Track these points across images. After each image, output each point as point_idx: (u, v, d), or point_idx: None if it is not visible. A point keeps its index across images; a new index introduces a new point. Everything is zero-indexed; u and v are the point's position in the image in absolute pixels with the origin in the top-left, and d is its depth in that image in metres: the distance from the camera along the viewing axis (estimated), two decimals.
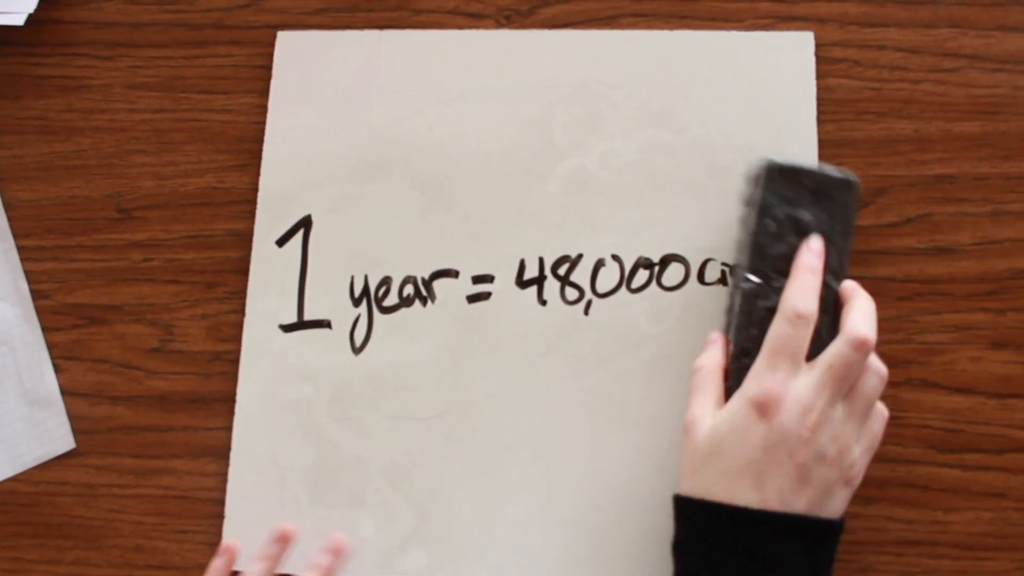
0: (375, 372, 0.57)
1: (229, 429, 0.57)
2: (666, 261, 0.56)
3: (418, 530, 0.55)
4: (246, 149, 0.61)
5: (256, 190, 0.60)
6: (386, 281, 0.58)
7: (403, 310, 0.57)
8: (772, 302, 0.49)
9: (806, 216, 0.50)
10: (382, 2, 0.62)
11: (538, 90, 0.59)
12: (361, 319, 0.58)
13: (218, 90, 0.62)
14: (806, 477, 0.44)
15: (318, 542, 0.54)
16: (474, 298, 0.57)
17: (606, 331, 0.56)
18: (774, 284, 0.49)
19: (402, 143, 0.59)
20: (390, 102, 0.60)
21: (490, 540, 0.54)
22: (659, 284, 0.56)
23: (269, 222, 0.59)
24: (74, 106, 0.63)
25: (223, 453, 0.57)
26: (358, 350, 0.57)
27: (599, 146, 0.58)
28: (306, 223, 0.59)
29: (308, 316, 0.58)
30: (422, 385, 0.56)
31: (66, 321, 0.61)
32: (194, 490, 0.57)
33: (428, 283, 0.58)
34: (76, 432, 0.59)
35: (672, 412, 0.54)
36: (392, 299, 0.58)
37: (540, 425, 0.55)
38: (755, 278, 0.50)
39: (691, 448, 0.47)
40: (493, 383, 0.56)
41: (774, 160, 0.51)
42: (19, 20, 0.62)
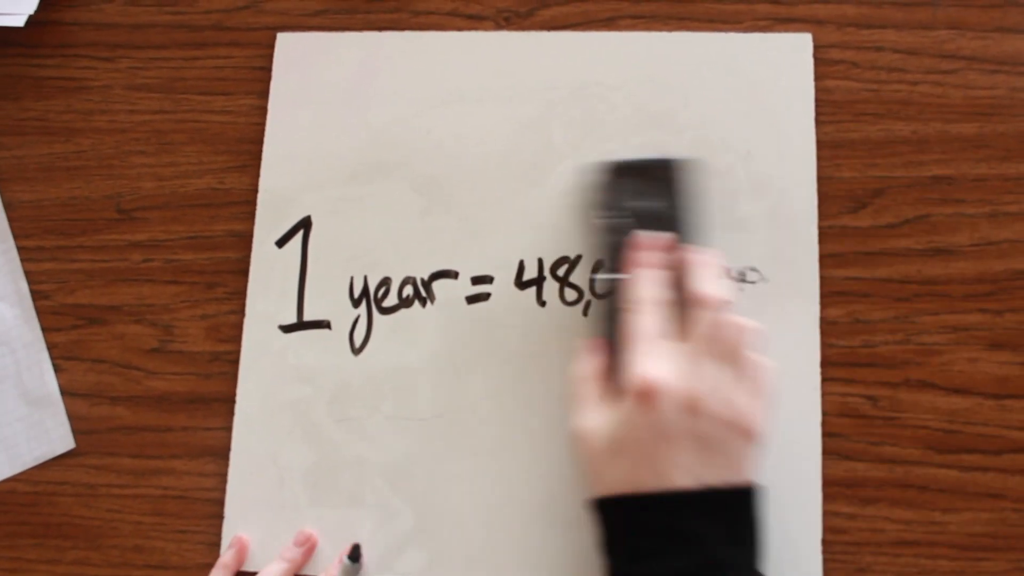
0: (374, 373, 0.57)
1: (228, 429, 0.57)
2: None
3: (417, 530, 0.55)
4: (246, 150, 0.61)
5: (256, 191, 0.60)
6: (385, 282, 0.58)
7: (402, 311, 0.58)
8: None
9: (645, 205, 0.51)
10: (381, 4, 0.62)
11: (537, 92, 0.59)
12: (360, 320, 0.58)
13: (218, 91, 0.62)
14: (706, 447, 0.45)
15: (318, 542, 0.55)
16: (473, 299, 0.57)
17: None
18: (622, 278, 0.50)
19: (401, 144, 0.59)
20: (389, 103, 0.60)
21: (489, 540, 0.54)
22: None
23: (269, 223, 0.59)
24: (74, 107, 0.63)
25: (222, 453, 0.57)
26: (357, 351, 0.57)
27: (598, 147, 0.58)
28: (306, 224, 0.59)
29: (307, 317, 0.58)
30: (421, 386, 0.57)
31: (66, 321, 0.61)
32: (193, 490, 0.58)
33: (427, 284, 0.58)
34: (76, 432, 0.59)
35: None
36: (391, 300, 0.58)
37: (539, 425, 0.55)
38: (612, 275, 0.51)
39: (590, 454, 0.48)
40: (492, 384, 0.56)
41: (604, 161, 0.53)
42: (19, 21, 0.62)
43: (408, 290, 0.58)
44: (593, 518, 0.48)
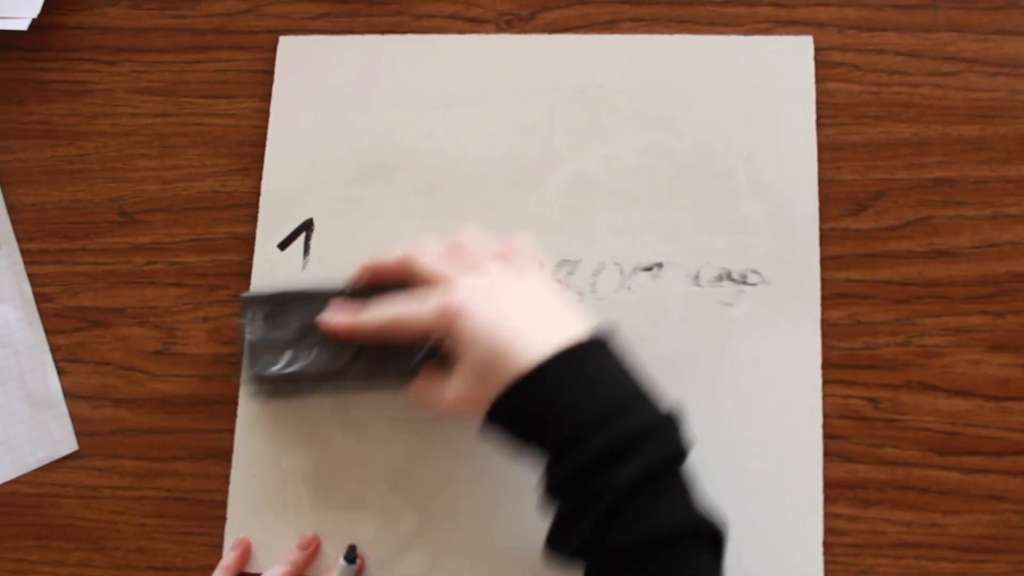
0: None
1: (231, 431, 0.58)
2: (665, 265, 0.56)
3: (419, 532, 0.55)
4: (248, 153, 0.61)
5: (258, 194, 0.60)
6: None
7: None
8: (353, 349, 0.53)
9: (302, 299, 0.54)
10: (383, 7, 0.62)
11: (538, 94, 0.59)
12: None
13: (220, 94, 0.62)
14: (530, 316, 0.47)
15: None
16: None
17: None
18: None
19: (403, 147, 0.60)
20: (391, 106, 0.60)
21: (491, 542, 0.55)
22: (659, 287, 0.56)
23: (271, 226, 0.59)
24: (78, 110, 0.63)
25: (225, 455, 0.57)
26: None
27: (599, 150, 0.58)
28: (307, 227, 0.59)
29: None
30: None
31: (69, 324, 0.61)
32: (196, 492, 0.58)
33: None
34: (79, 434, 0.59)
35: None
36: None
37: None
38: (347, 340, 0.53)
39: (464, 398, 0.48)
40: None
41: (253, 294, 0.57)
42: (23, 25, 0.63)
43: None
44: (497, 433, 0.48)
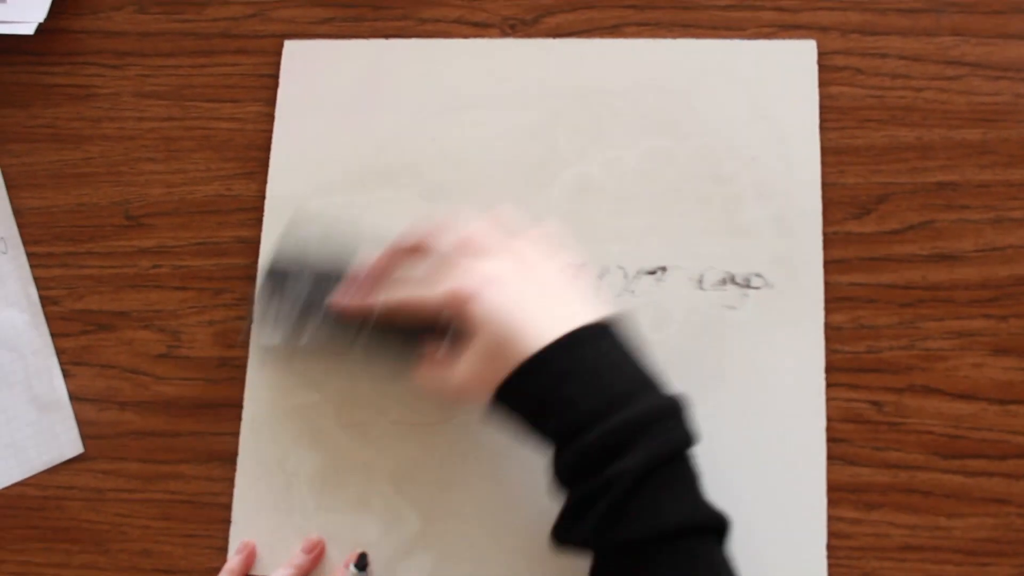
0: (381, 378, 0.57)
1: (236, 434, 0.58)
2: (669, 269, 0.56)
3: (423, 535, 0.55)
4: (253, 157, 0.61)
5: (263, 198, 0.60)
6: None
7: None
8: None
9: (316, 276, 0.55)
10: (388, 11, 0.62)
11: (542, 98, 0.59)
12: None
13: (226, 99, 0.63)
14: (539, 301, 0.47)
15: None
16: None
17: None
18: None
19: (408, 151, 0.60)
20: (396, 111, 0.60)
21: (495, 545, 0.55)
22: (662, 291, 0.56)
23: (276, 230, 0.60)
24: (83, 114, 0.64)
25: (230, 458, 0.57)
26: (364, 356, 0.58)
27: (602, 154, 0.58)
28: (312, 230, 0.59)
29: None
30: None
31: (75, 327, 0.61)
32: (201, 495, 0.58)
33: None
34: (84, 437, 0.60)
35: None
36: None
37: None
38: (362, 319, 0.53)
39: (472, 381, 0.48)
40: None
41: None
42: (29, 29, 0.63)
43: None
44: (503, 416, 0.48)
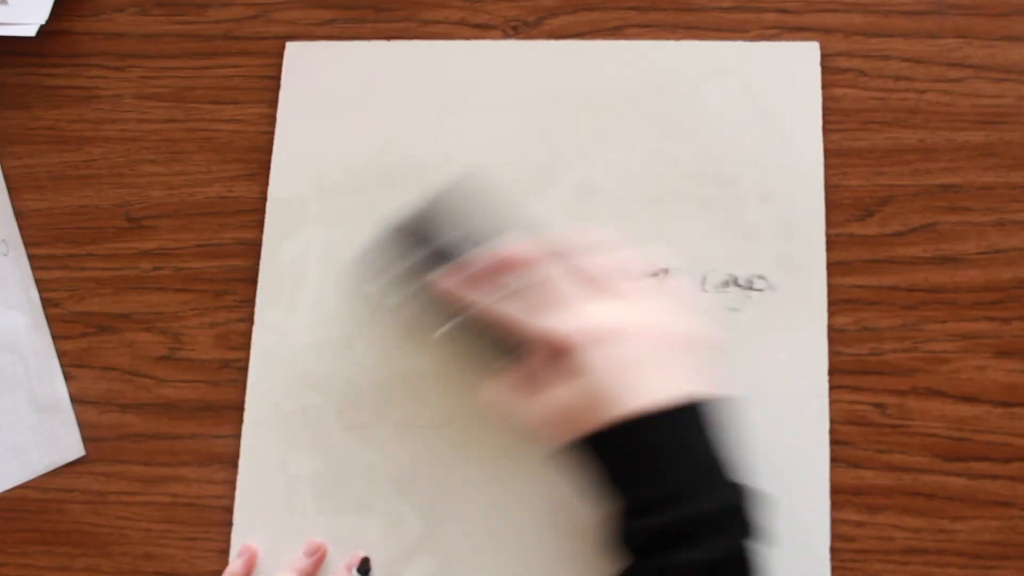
0: (383, 380, 0.57)
1: (238, 437, 0.58)
2: (671, 271, 0.56)
3: (425, 538, 0.55)
4: (255, 159, 0.61)
5: (265, 200, 0.60)
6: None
7: (412, 318, 0.58)
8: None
9: (447, 243, 0.52)
10: (390, 13, 0.62)
11: (544, 100, 0.59)
12: (369, 327, 0.58)
13: (227, 100, 0.63)
14: (660, 364, 0.45)
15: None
16: None
17: None
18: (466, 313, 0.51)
19: (410, 153, 0.60)
20: (398, 112, 0.60)
21: (497, 548, 0.54)
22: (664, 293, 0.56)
23: (277, 231, 0.60)
24: (85, 116, 0.64)
25: (232, 461, 0.57)
26: (366, 359, 0.57)
27: (605, 156, 0.58)
28: (314, 232, 0.59)
29: (316, 325, 0.58)
30: (430, 393, 0.57)
31: (76, 329, 0.61)
32: (203, 498, 0.58)
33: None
34: (86, 439, 0.59)
35: None
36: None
37: None
38: (461, 310, 0.51)
39: (557, 420, 0.47)
40: None
41: (383, 233, 0.54)
42: (31, 31, 0.63)
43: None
44: (578, 462, 0.47)
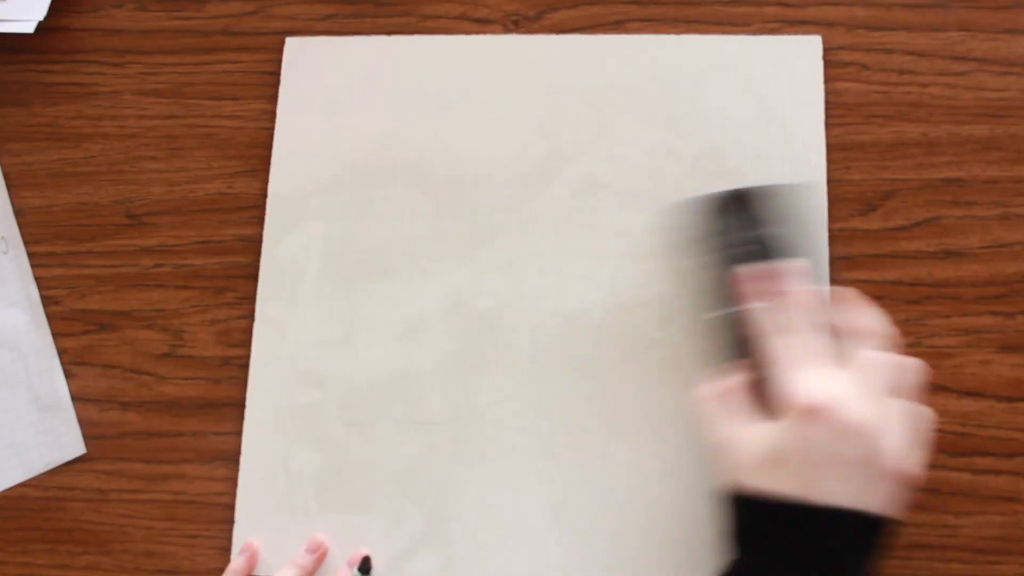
0: (384, 377, 0.57)
1: (239, 434, 0.57)
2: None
3: (427, 534, 0.55)
4: (255, 155, 0.61)
5: (265, 196, 0.60)
6: (394, 286, 0.58)
7: (412, 315, 0.57)
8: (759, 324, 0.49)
9: (760, 233, 0.51)
10: (390, 8, 0.62)
11: (545, 95, 0.59)
12: (369, 324, 0.58)
13: (227, 96, 0.62)
14: (864, 475, 0.44)
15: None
16: (482, 303, 0.57)
17: (615, 335, 0.56)
18: (756, 306, 0.49)
19: (410, 148, 0.59)
20: (398, 107, 0.60)
21: (499, 544, 0.54)
22: (667, 288, 0.56)
23: (278, 228, 0.59)
24: (84, 113, 0.63)
25: (233, 458, 0.57)
26: (367, 355, 0.57)
27: (606, 151, 0.58)
28: (315, 228, 0.59)
29: (317, 321, 0.58)
30: (431, 390, 0.56)
31: (76, 327, 0.61)
32: (204, 495, 0.58)
33: (437, 288, 0.58)
34: (86, 437, 0.59)
35: (680, 417, 0.54)
36: (401, 304, 0.58)
37: (549, 429, 0.55)
38: (738, 306, 0.50)
39: (743, 459, 0.47)
40: (502, 387, 0.56)
41: (704, 194, 0.52)
42: (29, 28, 0.63)
43: (417, 294, 0.58)
44: (732, 510, 0.47)
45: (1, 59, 0.65)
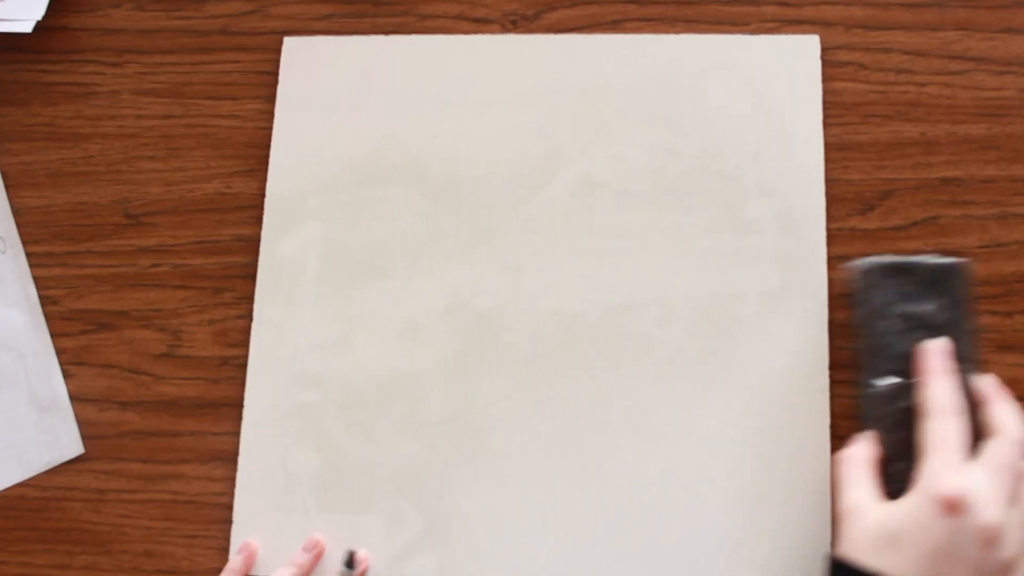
0: (383, 377, 0.57)
1: (237, 434, 0.57)
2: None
3: (426, 536, 0.55)
4: (253, 155, 0.61)
5: (263, 195, 0.60)
6: (393, 286, 0.58)
7: (411, 315, 0.57)
8: (908, 402, 0.49)
9: (922, 308, 0.50)
10: (388, 8, 0.62)
11: (544, 95, 0.59)
12: (368, 324, 0.58)
13: (225, 96, 0.62)
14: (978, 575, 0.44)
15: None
16: (481, 303, 0.57)
17: (614, 336, 0.56)
18: (907, 383, 0.49)
19: (408, 148, 0.59)
20: (396, 107, 0.60)
21: (498, 546, 0.54)
22: (666, 289, 0.56)
23: (276, 227, 0.59)
24: (82, 112, 0.63)
25: (231, 458, 0.57)
26: (366, 355, 0.57)
27: (604, 151, 0.58)
28: (313, 228, 0.59)
29: (315, 321, 0.58)
30: (430, 390, 0.56)
31: (75, 327, 0.61)
32: (202, 495, 0.58)
33: (435, 289, 0.58)
34: (85, 437, 0.59)
35: (679, 417, 0.54)
36: (399, 304, 0.58)
37: (548, 430, 0.55)
38: (887, 380, 0.50)
39: (859, 532, 0.46)
40: (501, 388, 0.56)
41: (875, 260, 0.51)
42: (27, 27, 0.63)
43: (416, 294, 0.58)
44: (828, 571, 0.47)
45: None
